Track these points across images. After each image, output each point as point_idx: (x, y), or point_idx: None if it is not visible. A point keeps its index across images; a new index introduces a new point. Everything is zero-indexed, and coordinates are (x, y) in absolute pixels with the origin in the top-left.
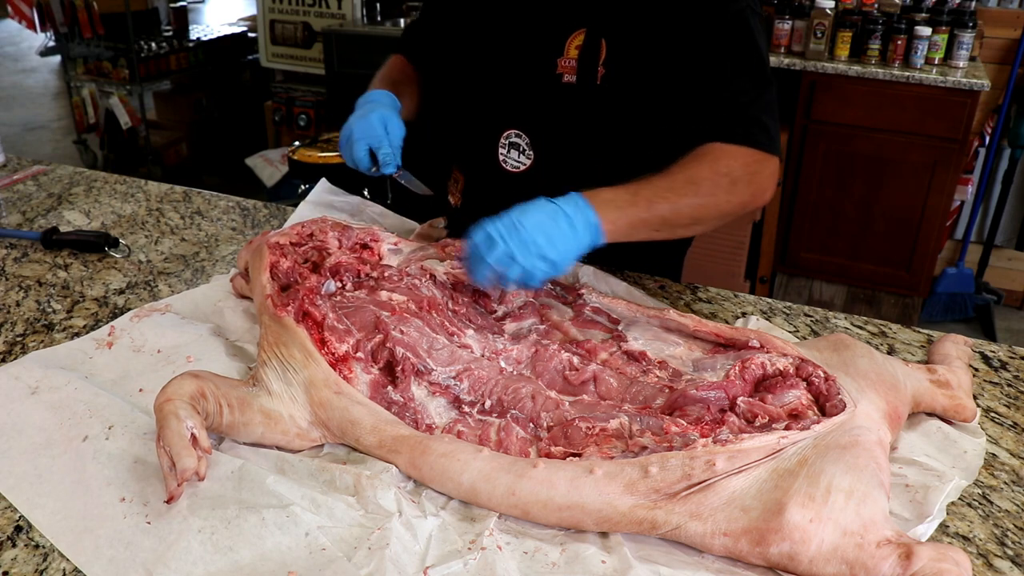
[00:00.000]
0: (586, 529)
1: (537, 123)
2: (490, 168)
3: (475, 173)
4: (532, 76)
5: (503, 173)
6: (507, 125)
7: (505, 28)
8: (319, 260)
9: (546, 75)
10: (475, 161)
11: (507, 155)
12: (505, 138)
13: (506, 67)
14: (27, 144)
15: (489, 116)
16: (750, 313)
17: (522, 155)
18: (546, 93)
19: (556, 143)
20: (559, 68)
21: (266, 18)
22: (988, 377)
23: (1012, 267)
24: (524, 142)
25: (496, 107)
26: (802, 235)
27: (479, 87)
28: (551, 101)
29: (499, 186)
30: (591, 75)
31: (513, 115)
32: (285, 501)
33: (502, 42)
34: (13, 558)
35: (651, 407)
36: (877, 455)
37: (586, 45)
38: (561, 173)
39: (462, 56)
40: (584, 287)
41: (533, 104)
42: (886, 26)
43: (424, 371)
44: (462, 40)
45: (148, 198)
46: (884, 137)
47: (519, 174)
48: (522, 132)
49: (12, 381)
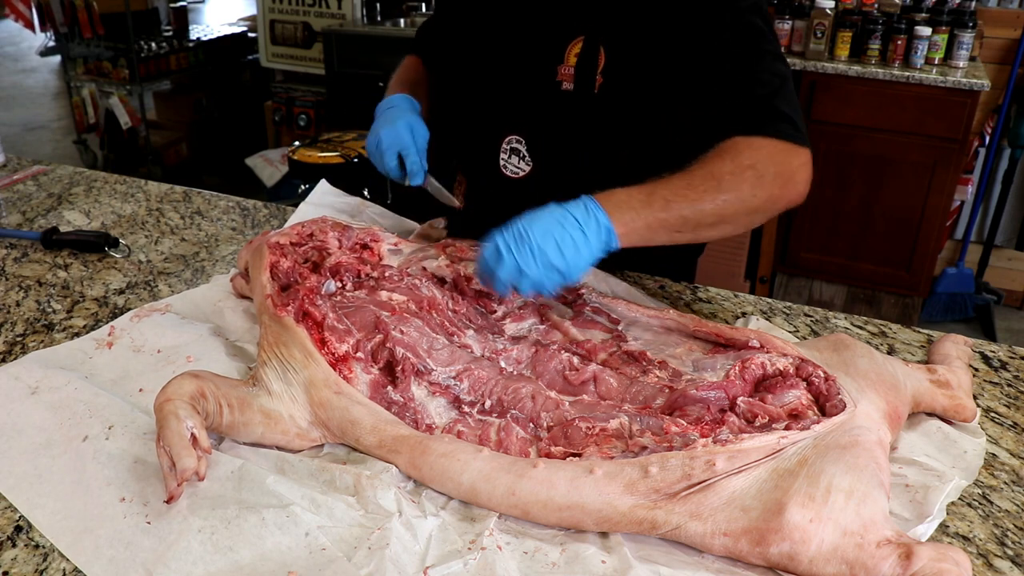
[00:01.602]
0: (586, 529)
1: (535, 130)
2: (491, 173)
3: (477, 178)
4: (532, 82)
5: (504, 179)
6: (508, 131)
7: (509, 33)
8: (319, 260)
9: (546, 82)
10: (477, 166)
11: (508, 161)
12: (507, 144)
13: (508, 72)
14: (27, 144)
15: (491, 121)
16: (750, 313)
17: (522, 161)
18: (545, 100)
19: (553, 150)
20: (559, 75)
21: (266, 18)
22: (988, 377)
23: (1012, 267)
24: (523, 148)
25: (498, 112)
26: (802, 235)
27: (483, 92)
28: (549, 108)
29: (500, 191)
30: (589, 83)
31: (514, 121)
32: (285, 501)
33: (505, 47)
34: (13, 558)
35: (651, 407)
36: (877, 455)
37: (584, 53)
38: (559, 180)
39: (468, 59)
40: (584, 287)
41: (532, 111)
42: (886, 26)
43: (424, 371)
44: (468, 43)
45: (148, 198)
46: (884, 137)
47: (519, 180)
48: (521, 138)
49: (12, 381)
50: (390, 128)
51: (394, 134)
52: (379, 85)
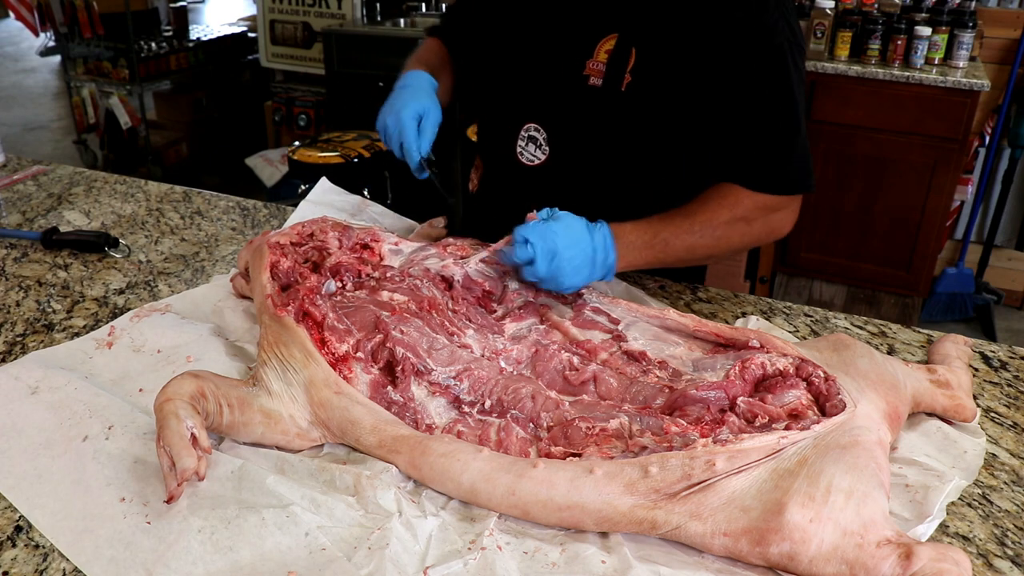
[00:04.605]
0: (586, 529)
1: (556, 120)
2: (507, 159)
3: (493, 162)
4: (558, 73)
5: (519, 165)
6: (527, 118)
7: (539, 23)
8: (319, 260)
9: (572, 75)
10: (494, 151)
11: (524, 148)
12: (525, 131)
13: (534, 61)
14: (27, 144)
15: (512, 108)
16: (750, 313)
17: (538, 149)
18: (570, 92)
19: (571, 142)
20: (586, 70)
21: (266, 18)
22: (988, 377)
23: (1012, 267)
24: (541, 137)
25: (519, 100)
26: (802, 235)
27: (507, 78)
28: (573, 101)
29: (514, 178)
30: (617, 81)
31: (534, 109)
32: (285, 501)
33: (534, 36)
34: (13, 558)
35: (651, 407)
36: (877, 455)
37: (616, 51)
38: (573, 171)
39: (494, 45)
40: (584, 287)
41: (555, 101)
42: (886, 26)
43: (424, 371)
44: (497, 29)
45: (148, 198)
46: (884, 137)
47: (533, 168)
48: (540, 127)
49: (12, 381)
50: (394, 117)
51: (398, 124)
52: (379, 85)
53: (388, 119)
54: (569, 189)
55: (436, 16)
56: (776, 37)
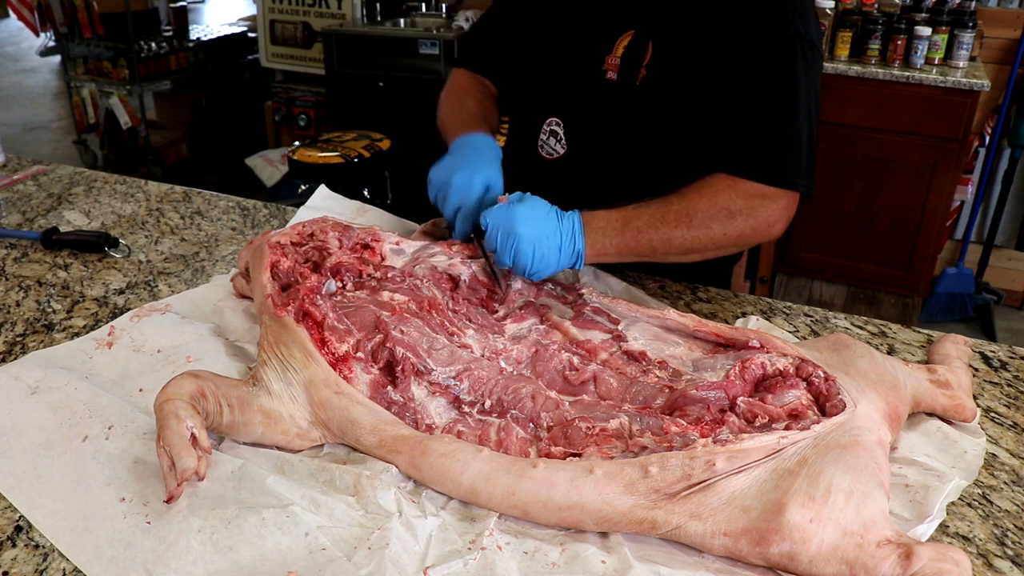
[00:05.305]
0: (586, 529)
1: (574, 114)
2: (529, 153)
3: (515, 156)
4: (579, 69)
5: (539, 159)
6: (549, 113)
7: (562, 22)
8: (320, 260)
9: (591, 70)
10: (517, 144)
11: (545, 142)
12: (547, 126)
13: (557, 58)
14: (27, 144)
15: (535, 103)
16: (750, 313)
17: (558, 143)
18: (588, 87)
19: (589, 136)
20: (605, 65)
21: (266, 18)
22: (988, 377)
23: (1012, 267)
24: (561, 131)
25: (542, 95)
26: (802, 235)
27: (531, 75)
28: (590, 95)
29: (534, 172)
30: (632, 75)
31: (556, 104)
32: (285, 501)
33: (558, 35)
34: (13, 558)
35: (651, 407)
36: (877, 455)
37: (632, 46)
38: (590, 165)
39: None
40: (584, 287)
41: (574, 96)
42: (886, 26)
43: (424, 371)
44: (522, 34)
45: (148, 198)
46: (884, 137)
47: (552, 161)
48: (561, 121)
49: (12, 381)
50: (465, 180)
51: (466, 188)
52: (379, 85)
53: (456, 177)
54: (587, 183)
55: (436, 16)
56: (786, 29)
